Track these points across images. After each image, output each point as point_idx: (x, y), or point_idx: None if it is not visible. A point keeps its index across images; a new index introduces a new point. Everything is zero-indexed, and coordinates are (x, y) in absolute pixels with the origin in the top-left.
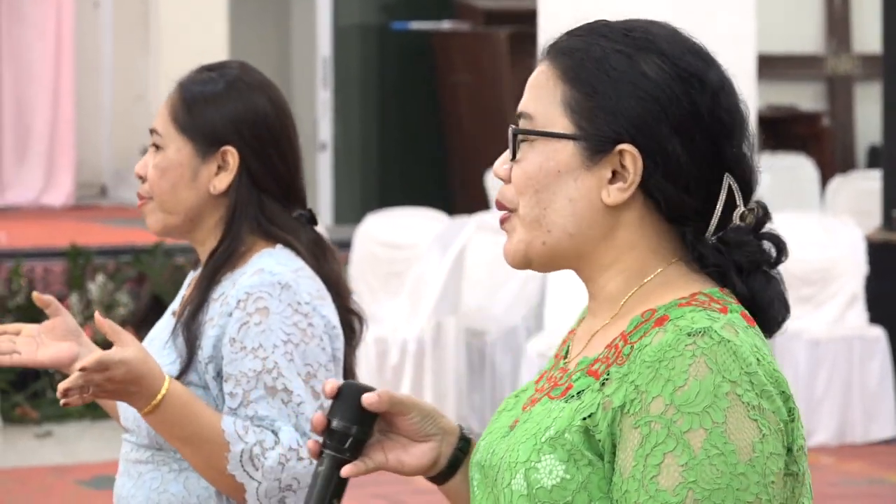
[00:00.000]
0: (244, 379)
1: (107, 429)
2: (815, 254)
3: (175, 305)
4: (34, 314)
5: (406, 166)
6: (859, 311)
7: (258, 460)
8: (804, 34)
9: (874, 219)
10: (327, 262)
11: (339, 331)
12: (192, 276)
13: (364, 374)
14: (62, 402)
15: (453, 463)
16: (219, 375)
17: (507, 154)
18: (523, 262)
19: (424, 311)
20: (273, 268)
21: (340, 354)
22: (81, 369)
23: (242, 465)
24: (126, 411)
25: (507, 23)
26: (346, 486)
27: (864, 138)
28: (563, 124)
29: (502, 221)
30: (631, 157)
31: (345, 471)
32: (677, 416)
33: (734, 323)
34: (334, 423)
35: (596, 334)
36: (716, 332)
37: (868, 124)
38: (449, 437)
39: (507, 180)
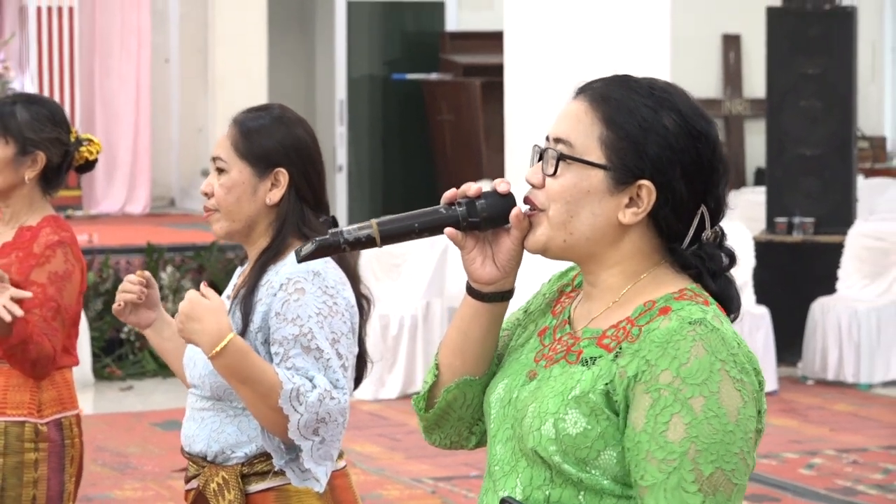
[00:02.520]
0: (285, 342)
1: (174, 384)
2: None
3: (229, 291)
4: None
5: (403, 183)
6: (748, 295)
7: (303, 397)
8: (706, 82)
9: (760, 223)
10: (346, 257)
11: (356, 309)
12: (240, 270)
13: (370, 343)
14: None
15: (493, 297)
16: (266, 342)
17: (538, 166)
18: (541, 250)
19: (417, 294)
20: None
21: (357, 327)
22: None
23: (290, 401)
24: (192, 370)
25: (481, 74)
26: (435, 234)
27: (752, 163)
28: (597, 155)
29: (529, 216)
30: (647, 190)
31: (449, 231)
32: (682, 386)
33: (718, 314)
34: (480, 202)
35: (599, 315)
36: (708, 321)
37: (755, 152)
38: (506, 282)
39: (539, 186)
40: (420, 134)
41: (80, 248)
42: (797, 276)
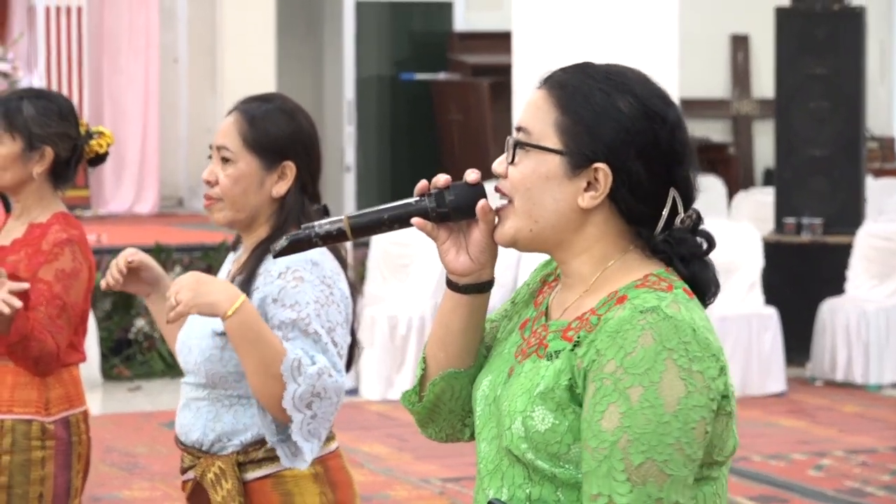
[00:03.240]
0: (283, 326)
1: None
2: (723, 251)
3: (222, 276)
4: (128, 295)
5: (411, 183)
6: (757, 295)
7: (302, 368)
8: (714, 82)
9: (769, 224)
10: (337, 246)
11: (351, 300)
12: (232, 256)
13: (378, 344)
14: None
15: (470, 289)
16: None
17: (504, 156)
18: (510, 242)
19: (425, 294)
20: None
21: (350, 317)
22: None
23: (291, 370)
24: (187, 357)
25: (489, 75)
26: (405, 226)
27: (760, 163)
28: (553, 141)
29: (500, 208)
30: (603, 173)
31: (417, 220)
32: (623, 375)
33: (678, 299)
34: (448, 193)
35: (571, 305)
36: (662, 310)
37: (764, 152)
38: (482, 273)
39: (504, 175)
40: (428, 134)
41: (89, 246)
42: (806, 277)
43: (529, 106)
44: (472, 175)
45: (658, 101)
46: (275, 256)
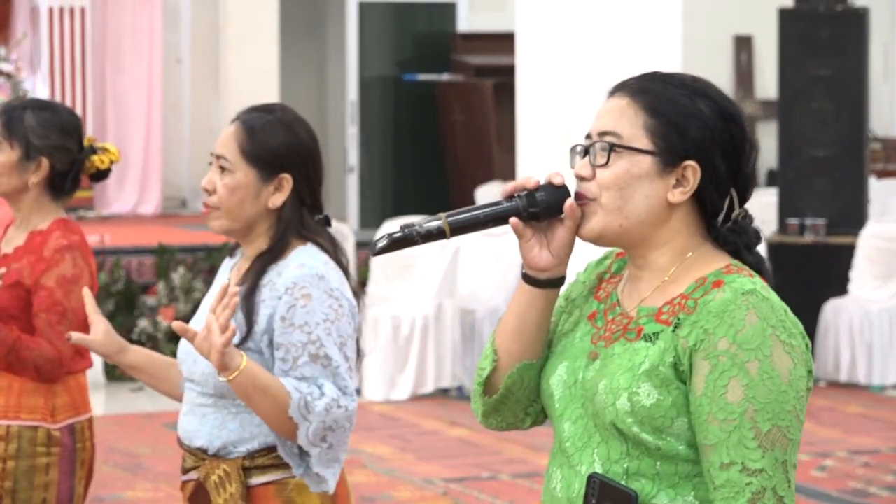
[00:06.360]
0: (293, 348)
1: None
2: None
3: (223, 281)
4: (131, 296)
5: (415, 184)
6: None
7: (310, 406)
8: (718, 83)
9: (772, 225)
10: (340, 254)
11: (357, 308)
12: (229, 262)
13: (381, 344)
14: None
15: (548, 284)
16: (271, 344)
17: (586, 160)
18: (595, 238)
19: (429, 295)
20: (310, 262)
21: (358, 325)
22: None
23: (299, 410)
24: (192, 367)
25: (493, 75)
26: (499, 224)
27: (763, 164)
28: (643, 143)
29: (581, 205)
30: (692, 170)
31: (512, 221)
32: (738, 351)
33: (763, 284)
34: (538, 194)
35: (650, 295)
36: (759, 291)
37: (767, 154)
38: (560, 269)
39: (590, 178)
40: (431, 135)
41: (90, 252)
42: (809, 278)
43: (612, 112)
44: (557, 178)
45: (730, 104)
46: (374, 255)
